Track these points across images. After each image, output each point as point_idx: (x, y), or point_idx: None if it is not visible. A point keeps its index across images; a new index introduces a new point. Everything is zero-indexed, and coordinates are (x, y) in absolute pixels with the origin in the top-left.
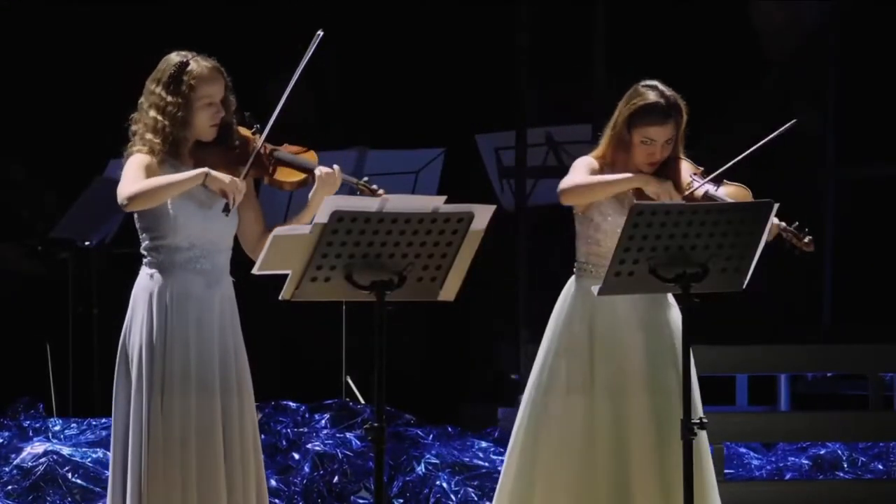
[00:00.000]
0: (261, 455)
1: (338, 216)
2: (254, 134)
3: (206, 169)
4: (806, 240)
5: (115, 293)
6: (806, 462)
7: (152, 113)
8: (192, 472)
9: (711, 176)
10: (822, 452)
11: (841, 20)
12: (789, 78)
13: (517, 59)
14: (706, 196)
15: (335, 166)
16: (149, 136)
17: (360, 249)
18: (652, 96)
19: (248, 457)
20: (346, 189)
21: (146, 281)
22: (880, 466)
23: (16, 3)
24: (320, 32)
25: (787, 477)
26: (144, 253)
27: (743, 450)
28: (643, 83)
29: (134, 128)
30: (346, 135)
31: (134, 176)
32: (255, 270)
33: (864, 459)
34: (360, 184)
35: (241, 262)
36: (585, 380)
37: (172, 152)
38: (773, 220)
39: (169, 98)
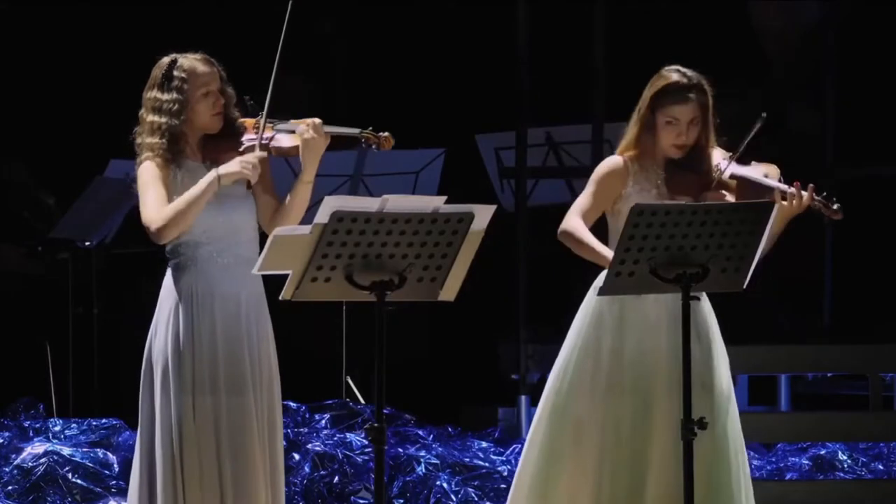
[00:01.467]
0: (282, 452)
1: (338, 216)
2: (257, 121)
3: (214, 172)
4: (835, 207)
5: (115, 293)
6: (806, 462)
7: (150, 117)
8: (228, 472)
9: (738, 153)
10: (822, 452)
11: (839, 20)
12: (789, 78)
13: (517, 59)
14: (736, 177)
15: (317, 119)
16: (149, 139)
17: (360, 249)
18: (674, 76)
19: (267, 453)
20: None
21: (171, 282)
22: (880, 466)
23: (15, 4)
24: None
25: (787, 477)
26: (167, 255)
27: None
28: (666, 67)
29: (138, 140)
30: None
31: (153, 200)
32: (255, 270)
33: (864, 459)
34: (363, 133)
35: None
36: (613, 378)
37: (175, 150)
38: (801, 192)
39: (164, 97)
